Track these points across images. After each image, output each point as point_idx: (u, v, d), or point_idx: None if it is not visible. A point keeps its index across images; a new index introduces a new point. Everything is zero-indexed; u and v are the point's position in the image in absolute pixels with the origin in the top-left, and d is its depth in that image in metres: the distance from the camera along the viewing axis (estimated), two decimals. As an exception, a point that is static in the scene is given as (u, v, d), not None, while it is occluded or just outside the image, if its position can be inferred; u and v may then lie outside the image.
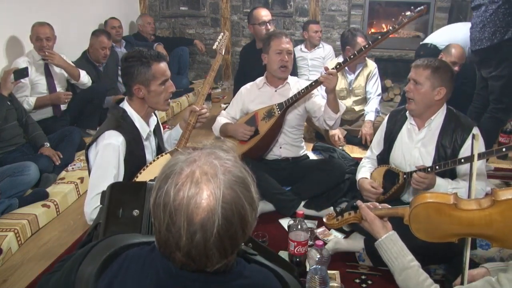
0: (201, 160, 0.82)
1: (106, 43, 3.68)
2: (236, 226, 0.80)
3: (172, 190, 0.78)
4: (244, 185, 0.82)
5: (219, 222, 0.77)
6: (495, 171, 3.10)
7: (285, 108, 2.49)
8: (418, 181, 1.97)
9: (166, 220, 0.79)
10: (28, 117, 3.00)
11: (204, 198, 0.77)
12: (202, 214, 0.77)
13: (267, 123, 2.51)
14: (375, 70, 3.61)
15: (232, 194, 0.79)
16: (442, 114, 2.09)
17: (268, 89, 2.64)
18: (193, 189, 0.78)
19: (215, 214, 0.77)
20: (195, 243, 0.78)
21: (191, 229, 0.77)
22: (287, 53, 2.51)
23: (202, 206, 0.77)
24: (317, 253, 1.82)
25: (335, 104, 2.42)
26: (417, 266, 1.33)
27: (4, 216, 2.36)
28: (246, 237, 0.84)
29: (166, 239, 0.80)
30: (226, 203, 0.78)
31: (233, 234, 0.80)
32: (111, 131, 1.82)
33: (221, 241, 0.78)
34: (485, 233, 1.24)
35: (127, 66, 1.86)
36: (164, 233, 0.80)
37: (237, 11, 5.33)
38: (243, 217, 0.81)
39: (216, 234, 0.77)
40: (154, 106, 1.97)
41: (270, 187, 2.50)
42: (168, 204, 0.78)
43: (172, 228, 0.78)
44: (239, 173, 0.82)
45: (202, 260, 0.80)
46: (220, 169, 0.80)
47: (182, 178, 0.79)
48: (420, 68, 2.04)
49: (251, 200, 0.82)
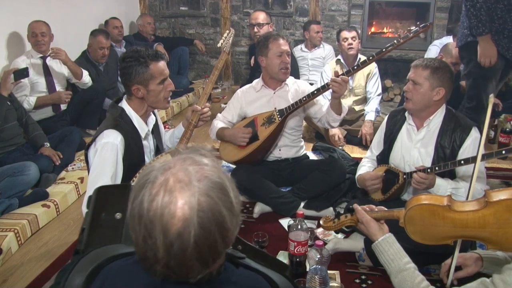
0: (175, 167, 0.79)
1: (104, 43, 3.68)
2: (215, 235, 0.77)
3: (146, 201, 0.76)
4: (222, 191, 0.79)
5: (196, 231, 0.74)
6: (495, 171, 3.10)
7: (286, 115, 2.47)
8: (418, 181, 1.97)
9: (142, 233, 0.76)
10: (28, 117, 3.00)
11: (178, 208, 0.74)
12: (178, 224, 0.74)
13: (267, 129, 2.48)
14: (375, 70, 3.61)
15: (209, 201, 0.76)
16: (441, 114, 2.09)
17: (267, 91, 2.62)
18: (166, 199, 0.75)
19: (190, 223, 0.74)
20: (173, 255, 0.75)
21: (168, 241, 0.74)
22: (287, 54, 2.50)
23: (177, 216, 0.74)
24: (317, 253, 1.82)
25: (339, 107, 2.43)
26: (413, 268, 1.33)
27: (4, 216, 2.36)
28: (227, 245, 0.81)
29: (144, 251, 0.77)
30: (202, 211, 0.75)
31: (212, 243, 0.77)
32: (109, 130, 1.82)
33: (199, 251, 0.76)
34: (480, 235, 1.24)
35: (125, 67, 1.85)
36: (142, 245, 0.77)
37: (237, 11, 5.33)
38: (221, 224, 0.77)
39: (193, 244, 0.75)
40: (154, 105, 1.96)
41: (268, 191, 2.49)
42: (142, 215, 0.76)
43: (148, 241, 0.76)
44: (216, 178, 0.79)
45: (183, 271, 0.78)
46: (195, 175, 0.77)
47: (156, 187, 0.76)
48: (419, 68, 2.04)
49: (230, 206, 0.79)
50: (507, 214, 1.18)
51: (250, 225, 2.46)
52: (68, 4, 3.98)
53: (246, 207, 2.66)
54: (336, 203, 2.55)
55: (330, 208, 2.51)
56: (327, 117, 2.49)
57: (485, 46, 2.61)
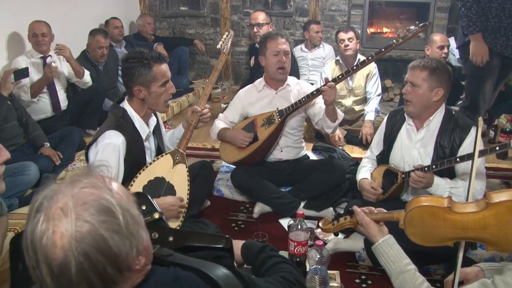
0: (61, 193, 0.76)
1: (103, 43, 3.68)
2: (101, 262, 0.74)
3: (29, 230, 0.74)
4: (107, 214, 0.76)
5: (77, 260, 0.72)
6: (495, 171, 3.10)
7: (285, 115, 2.46)
8: (416, 180, 1.97)
9: (31, 263, 0.74)
10: (28, 117, 3.00)
11: (58, 238, 0.72)
12: (59, 255, 0.72)
13: (266, 129, 2.48)
14: (374, 70, 3.61)
15: (90, 228, 0.73)
16: (440, 114, 2.09)
17: (269, 91, 2.61)
18: (44, 226, 0.73)
19: (70, 253, 0.72)
20: (62, 285, 0.73)
21: (53, 273, 0.72)
22: (284, 54, 2.48)
23: (57, 246, 0.72)
24: (317, 253, 1.82)
25: (333, 114, 2.41)
26: (413, 270, 1.33)
27: (4, 216, 2.36)
28: (122, 270, 0.77)
29: (39, 281, 0.75)
30: (81, 240, 0.72)
31: (100, 271, 0.74)
32: (111, 131, 1.82)
33: (88, 281, 0.73)
34: (480, 237, 1.24)
35: (127, 67, 1.85)
36: (35, 275, 0.75)
37: (237, 11, 5.33)
38: (106, 251, 0.74)
39: (77, 273, 0.72)
40: (153, 107, 1.96)
41: (267, 192, 2.49)
42: (28, 246, 0.74)
43: (36, 271, 0.74)
44: (101, 201, 0.76)
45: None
46: (76, 201, 0.75)
47: (38, 216, 0.74)
48: (417, 70, 2.03)
49: (118, 229, 0.76)
50: (508, 216, 1.18)
51: (250, 225, 2.46)
52: (68, 4, 3.98)
53: (246, 207, 2.67)
54: (336, 203, 2.55)
55: (330, 208, 2.51)
56: (322, 122, 2.48)
57: (476, 44, 2.64)
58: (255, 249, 1.34)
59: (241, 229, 2.44)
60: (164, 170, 1.96)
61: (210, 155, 3.41)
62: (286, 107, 2.46)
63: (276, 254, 1.33)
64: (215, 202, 2.69)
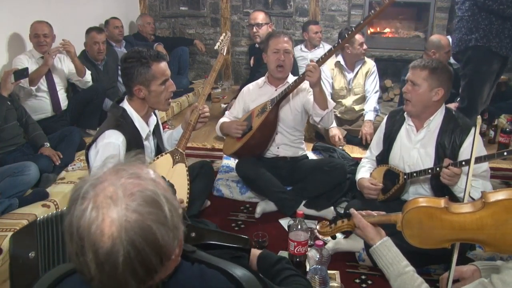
0: (106, 181, 0.77)
1: (98, 38, 3.68)
2: (147, 252, 0.75)
3: (75, 217, 0.75)
4: (154, 205, 0.77)
5: (125, 249, 0.73)
6: (495, 171, 3.10)
7: (276, 102, 2.48)
8: (450, 175, 1.89)
9: (75, 249, 0.75)
10: (28, 117, 3.00)
11: (107, 226, 0.73)
12: (107, 243, 0.73)
13: (259, 118, 2.52)
14: (373, 68, 3.62)
15: (138, 218, 0.74)
16: (440, 115, 2.08)
17: (269, 88, 2.65)
18: (94, 215, 0.74)
19: (119, 242, 0.73)
20: (105, 273, 0.74)
21: (98, 260, 0.73)
22: (284, 52, 2.50)
23: (106, 234, 0.73)
24: (317, 253, 1.82)
25: (321, 99, 2.35)
26: (412, 271, 1.33)
27: (4, 216, 2.36)
28: (164, 260, 0.79)
29: (80, 268, 0.76)
30: (130, 229, 0.74)
31: (145, 260, 0.75)
32: (111, 131, 1.82)
33: (132, 268, 0.74)
34: (478, 238, 1.23)
35: (126, 67, 1.85)
36: (76, 261, 0.76)
37: (237, 11, 5.33)
38: (153, 240, 0.76)
39: (123, 262, 0.73)
40: (154, 106, 1.97)
41: (271, 185, 2.51)
42: (73, 233, 0.75)
43: (80, 258, 0.75)
44: (148, 192, 0.77)
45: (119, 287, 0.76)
46: (124, 191, 0.76)
47: (85, 203, 0.75)
48: (417, 69, 2.03)
49: (163, 220, 0.77)
50: (505, 215, 1.17)
51: (250, 225, 2.46)
52: (68, 4, 3.98)
53: (246, 207, 2.67)
54: (336, 203, 2.55)
55: (330, 208, 2.51)
56: (312, 111, 2.43)
57: None
58: (272, 260, 1.36)
59: (241, 229, 2.44)
60: (164, 169, 1.97)
61: (210, 155, 3.41)
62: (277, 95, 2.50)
63: (291, 267, 1.36)
64: (215, 202, 2.69)
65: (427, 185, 2.14)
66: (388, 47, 4.94)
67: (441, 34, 4.34)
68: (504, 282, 1.19)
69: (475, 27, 2.74)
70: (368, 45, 3.69)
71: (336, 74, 3.63)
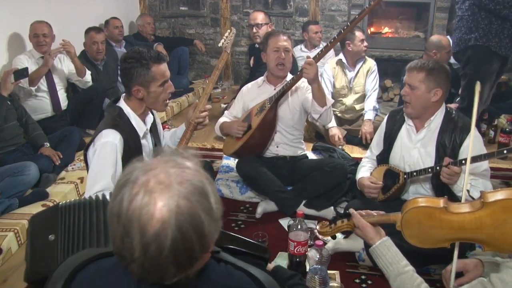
0: (157, 168, 0.79)
1: (97, 38, 3.68)
2: (192, 239, 0.76)
3: (126, 200, 0.76)
4: (202, 195, 0.79)
5: (173, 234, 0.74)
6: (495, 171, 3.10)
7: (275, 100, 2.49)
8: (450, 174, 1.89)
9: (120, 231, 0.76)
10: (28, 117, 3.00)
11: (157, 209, 0.74)
12: (156, 226, 0.74)
13: (258, 117, 2.52)
14: (374, 67, 3.63)
15: (188, 204, 0.76)
16: (441, 115, 2.08)
17: (268, 87, 2.65)
18: (146, 199, 0.75)
19: (168, 226, 0.74)
20: (149, 256, 0.75)
21: (144, 241, 0.74)
22: (284, 51, 2.51)
23: (155, 218, 0.74)
24: (317, 253, 1.82)
25: (319, 95, 2.37)
26: (411, 271, 1.33)
27: (4, 216, 2.36)
28: (205, 250, 0.81)
29: (121, 250, 0.78)
30: (180, 214, 0.75)
31: (189, 247, 0.77)
32: (108, 130, 1.81)
33: (176, 254, 0.76)
34: (477, 237, 1.23)
35: (126, 67, 1.84)
36: (119, 244, 0.77)
37: (237, 11, 5.33)
38: (199, 228, 0.77)
39: (170, 246, 0.75)
40: (152, 106, 1.96)
41: (271, 184, 2.51)
42: (121, 214, 0.76)
43: (125, 240, 0.76)
44: (197, 182, 0.79)
45: (158, 272, 0.77)
46: (176, 178, 0.77)
47: (136, 188, 0.76)
48: (414, 71, 2.02)
49: (209, 210, 0.79)
50: (504, 215, 1.17)
51: (250, 225, 2.46)
52: (68, 4, 3.98)
53: (246, 207, 2.67)
54: (336, 203, 2.55)
55: (330, 208, 2.51)
56: (310, 108, 2.45)
57: None
58: (286, 275, 1.36)
59: (241, 229, 2.44)
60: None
61: (210, 155, 3.41)
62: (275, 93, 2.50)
63: (304, 283, 1.36)
64: (215, 202, 2.69)
65: (428, 185, 2.14)
66: (388, 47, 4.94)
67: (441, 34, 4.35)
68: (503, 281, 1.19)
69: (475, 26, 2.74)
70: (368, 45, 3.69)
71: (337, 73, 3.64)
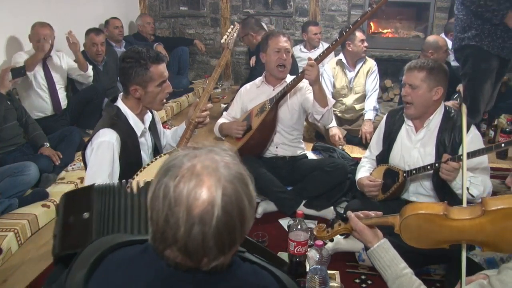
0: (201, 155, 0.82)
1: (96, 40, 3.69)
2: (235, 221, 0.79)
3: (172, 182, 0.78)
4: (244, 182, 0.82)
5: (219, 214, 0.77)
6: (495, 171, 3.10)
7: (275, 101, 2.49)
8: (449, 170, 1.88)
9: (165, 211, 0.78)
10: (28, 117, 3.01)
11: (204, 190, 0.77)
12: (202, 206, 0.76)
13: (259, 118, 2.52)
14: (374, 67, 3.64)
15: (233, 188, 0.79)
16: (440, 114, 2.08)
17: (267, 88, 2.65)
18: (194, 181, 0.78)
19: (215, 206, 0.77)
20: (193, 236, 0.77)
21: (190, 221, 0.76)
22: (285, 52, 2.51)
23: (202, 198, 0.77)
24: (317, 253, 1.82)
25: (321, 96, 2.36)
26: (410, 274, 1.32)
27: (4, 216, 2.36)
28: (244, 234, 0.83)
29: (163, 231, 0.79)
30: (226, 196, 0.78)
31: (232, 229, 0.79)
32: (105, 129, 1.81)
33: (219, 234, 0.78)
34: (476, 239, 1.23)
35: (124, 67, 1.84)
36: (162, 224, 0.78)
37: (237, 11, 5.33)
38: (242, 212, 0.80)
39: (215, 226, 0.77)
40: (149, 106, 1.96)
41: (271, 184, 2.51)
42: (168, 195, 0.78)
43: (170, 219, 0.77)
44: (239, 169, 0.83)
45: (199, 254, 0.79)
46: (221, 163, 0.81)
47: (183, 171, 0.79)
48: (414, 71, 2.02)
49: (250, 198, 0.83)
50: (505, 222, 1.16)
51: (250, 225, 2.46)
52: (68, 4, 3.98)
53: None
54: (336, 203, 2.55)
55: (330, 208, 2.51)
56: (312, 109, 2.44)
57: None
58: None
59: (241, 229, 2.43)
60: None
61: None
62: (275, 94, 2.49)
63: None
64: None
65: (427, 184, 2.13)
66: (388, 47, 4.95)
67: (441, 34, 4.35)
68: (503, 282, 1.18)
69: (468, 26, 2.79)
70: (368, 45, 3.70)
71: (337, 73, 3.64)
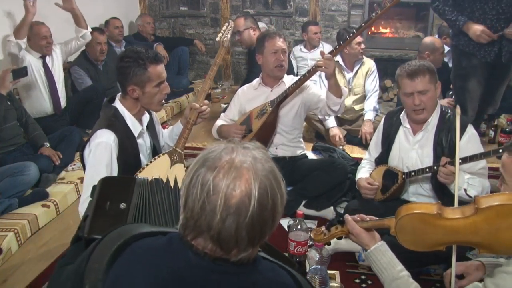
0: (239, 150, 0.85)
1: (100, 39, 3.69)
2: (268, 213, 0.82)
3: (211, 173, 0.81)
4: (277, 179, 0.86)
5: (255, 205, 0.80)
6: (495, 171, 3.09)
7: (277, 104, 2.49)
8: (447, 174, 1.90)
9: (203, 198, 0.80)
10: (28, 117, 3.01)
11: (243, 182, 0.80)
12: (239, 196, 0.80)
13: (259, 120, 2.51)
14: (373, 68, 3.63)
15: (268, 182, 0.83)
16: (437, 115, 2.09)
17: (264, 89, 2.64)
18: (233, 173, 0.81)
19: (251, 198, 0.80)
20: (227, 224, 0.80)
21: (227, 210, 0.79)
22: (282, 52, 2.51)
23: (240, 189, 0.80)
24: (317, 253, 1.82)
25: (337, 88, 2.39)
26: (406, 276, 1.32)
27: (4, 216, 2.36)
28: (273, 228, 0.86)
29: (198, 218, 0.81)
30: (262, 189, 0.81)
31: (264, 222, 0.82)
32: (102, 130, 1.81)
33: (252, 226, 0.81)
34: (471, 240, 1.23)
35: (122, 66, 1.83)
36: (198, 211, 0.81)
37: (237, 11, 5.33)
38: (275, 205, 0.84)
39: (250, 217, 0.80)
40: (147, 106, 1.95)
41: None
42: (206, 183, 0.81)
43: (207, 206, 0.80)
44: (272, 166, 0.87)
45: (231, 244, 0.81)
46: (257, 159, 0.85)
47: (223, 163, 0.82)
48: (419, 77, 1.98)
49: (282, 194, 0.86)
50: (498, 220, 1.16)
51: (250, 225, 2.46)
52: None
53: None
54: (336, 203, 2.55)
55: (330, 208, 2.51)
56: (327, 102, 2.45)
57: (473, 30, 2.66)
58: None
59: (241, 229, 2.44)
60: (162, 171, 1.95)
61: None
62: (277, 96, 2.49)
63: None
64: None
65: (427, 185, 2.14)
66: (388, 47, 4.95)
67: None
68: (498, 286, 1.19)
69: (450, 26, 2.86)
70: (368, 45, 3.71)
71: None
